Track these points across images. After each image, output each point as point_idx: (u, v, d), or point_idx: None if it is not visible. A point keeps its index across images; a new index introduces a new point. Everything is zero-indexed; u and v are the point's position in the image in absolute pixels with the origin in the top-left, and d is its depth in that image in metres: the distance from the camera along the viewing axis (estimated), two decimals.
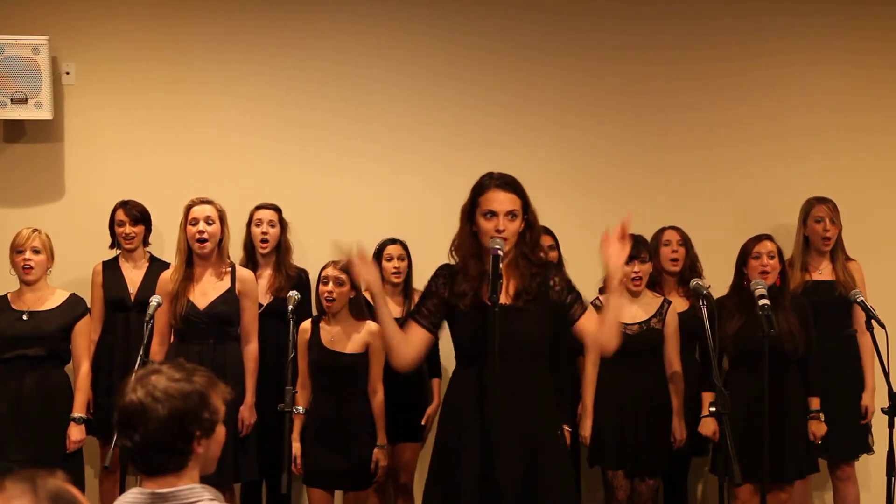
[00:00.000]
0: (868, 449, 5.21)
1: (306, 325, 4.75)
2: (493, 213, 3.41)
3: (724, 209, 5.84)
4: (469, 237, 3.49)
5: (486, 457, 3.31)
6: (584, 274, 5.34)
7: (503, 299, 3.31)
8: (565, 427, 4.46)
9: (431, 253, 3.79)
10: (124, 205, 5.25)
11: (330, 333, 4.72)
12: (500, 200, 3.42)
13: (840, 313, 5.20)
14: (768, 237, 4.88)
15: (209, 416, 2.18)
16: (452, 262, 3.55)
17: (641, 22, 5.95)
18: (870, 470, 5.41)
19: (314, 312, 5.11)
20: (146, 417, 2.12)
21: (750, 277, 4.79)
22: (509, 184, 3.46)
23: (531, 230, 3.48)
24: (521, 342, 3.36)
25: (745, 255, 4.86)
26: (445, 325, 3.54)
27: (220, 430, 2.23)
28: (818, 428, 4.86)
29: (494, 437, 3.25)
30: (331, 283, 4.68)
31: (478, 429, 3.36)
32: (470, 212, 3.49)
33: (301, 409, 4.62)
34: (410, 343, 3.49)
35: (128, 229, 5.22)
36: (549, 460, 3.42)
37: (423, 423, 5.19)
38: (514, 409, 3.33)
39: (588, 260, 5.47)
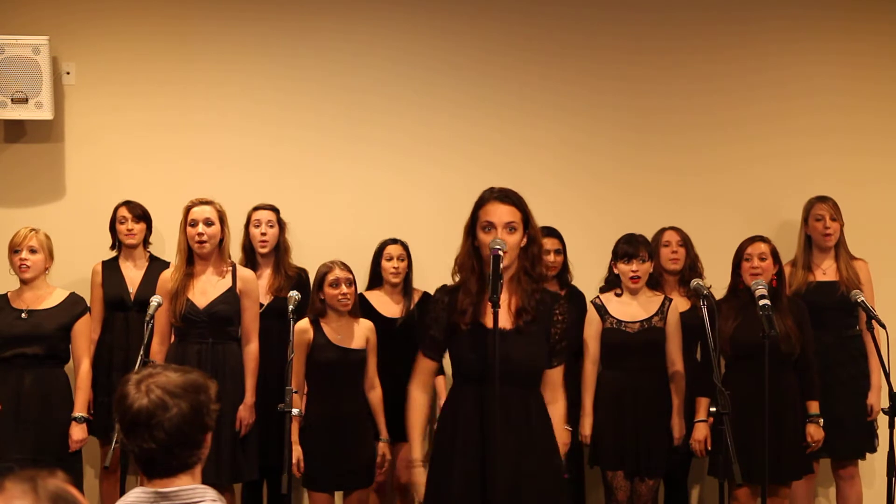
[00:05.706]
0: (872, 448, 5.20)
1: (305, 325, 4.71)
2: (492, 226, 3.38)
3: (727, 210, 5.83)
4: (470, 253, 3.46)
5: (482, 474, 3.30)
6: (584, 274, 5.39)
7: (503, 322, 3.30)
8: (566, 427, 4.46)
9: (429, 253, 3.80)
10: (126, 203, 5.28)
11: (335, 331, 4.72)
12: (498, 212, 3.38)
13: (844, 313, 5.19)
14: (762, 239, 4.87)
15: (214, 406, 2.20)
16: (453, 280, 3.53)
17: (643, 24, 5.94)
18: (875, 468, 5.40)
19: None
20: (169, 414, 2.11)
21: (743, 279, 4.80)
22: (508, 196, 3.42)
23: (533, 245, 3.45)
24: (516, 367, 3.33)
25: (739, 256, 4.87)
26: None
27: None
28: (816, 432, 4.85)
29: (491, 455, 3.25)
30: (343, 285, 4.69)
31: (474, 446, 3.34)
32: (471, 227, 3.46)
33: (298, 411, 4.61)
34: (427, 385, 3.63)
35: (130, 225, 5.23)
36: (537, 489, 3.37)
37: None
38: (507, 431, 3.30)
39: (588, 261, 5.50)
